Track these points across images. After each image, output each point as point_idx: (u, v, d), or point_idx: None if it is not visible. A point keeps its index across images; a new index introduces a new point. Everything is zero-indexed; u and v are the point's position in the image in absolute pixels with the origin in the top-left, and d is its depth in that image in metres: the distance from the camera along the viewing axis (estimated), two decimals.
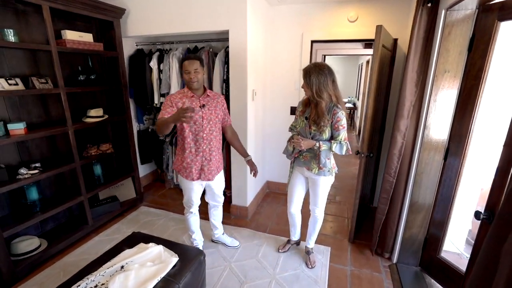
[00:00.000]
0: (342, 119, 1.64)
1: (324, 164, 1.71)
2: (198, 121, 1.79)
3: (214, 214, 2.23)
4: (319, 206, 1.96)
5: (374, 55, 1.89)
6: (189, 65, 1.71)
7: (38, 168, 2.07)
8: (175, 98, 1.76)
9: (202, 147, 1.84)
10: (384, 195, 2.03)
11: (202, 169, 1.88)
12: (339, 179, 3.89)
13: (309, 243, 2.14)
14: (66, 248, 2.25)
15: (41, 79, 2.05)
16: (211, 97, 1.88)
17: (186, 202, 2.03)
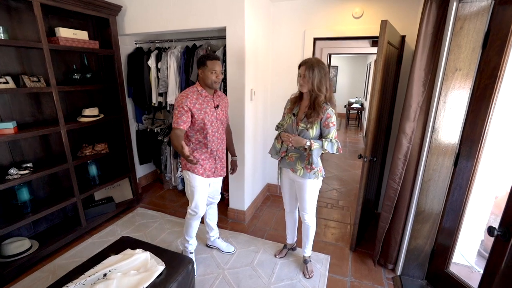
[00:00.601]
0: (332, 116, 1.58)
1: (316, 164, 1.64)
2: (214, 122, 1.77)
3: (210, 213, 2.15)
4: (308, 211, 1.85)
5: (378, 52, 1.76)
6: (216, 65, 1.67)
7: (29, 168, 2.03)
8: (191, 101, 1.66)
9: (216, 147, 1.84)
10: (387, 203, 1.90)
11: (215, 167, 1.89)
12: (343, 182, 3.75)
13: (305, 251, 2.04)
14: (57, 250, 2.21)
15: (32, 77, 2.01)
16: (221, 97, 1.87)
17: (195, 207, 1.88)
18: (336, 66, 8.93)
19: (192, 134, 1.79)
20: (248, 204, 2.71)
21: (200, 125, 1.74)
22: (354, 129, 7.55)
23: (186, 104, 1.65)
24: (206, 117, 1.72)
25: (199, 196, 1.87)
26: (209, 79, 1.68)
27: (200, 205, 1.89)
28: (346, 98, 8.88)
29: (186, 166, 1.83)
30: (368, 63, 7.40)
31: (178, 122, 1.65)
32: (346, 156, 4.98)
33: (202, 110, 1.71)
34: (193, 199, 1.87)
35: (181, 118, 1.65)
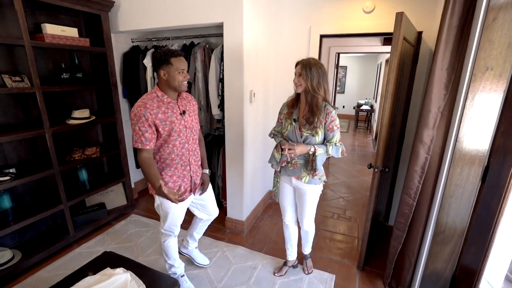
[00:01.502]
0: (336, 119, 1.52)
1: (319, 170, 1.56)
2: (183, 132, 1.50)
3: (202, 227, 1.95)
4: (307, 217, 1.78)
5: (392, 49, 1.54)
6: (183, 62, 1.42)
7: (10, 174, 1.89)
8: (151, 111, 1.38)
9: (189, 160, 1.58)
10: (401, 220, 1.68)
11: (192, 184, 1.64)
12: (351, 190, 3.51)
13: (305, 250, 2.01)
14: (41, 261, 2.07)
15: (15, 77, 1.87)
16: (187, 100, 1.58)
17: (169, 226, 1.65)
18: (345, 66, 8.65)
19: (156, 151, 1.50)
20: (247, 214, 2.52)
21: (165, 138, 1.46)
22: (363, 131, 7.26)
23: (145, 116, 1.36)
24: (173, 128, 1.45)
25: (176, 215, 1.63)
26: (176, 80, 1.40)
27: (178, 223, 1.67)
28: (355, 99, 8.58)
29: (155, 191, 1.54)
30: (379, 63, 7.10)
31: (142, 141, 1.39)
32: (355, 160, 4.73)
33: (168, 120, 1.42)
34: (167, 219, 1.62)
35: (144, 136, 1.38)
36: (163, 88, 1.45)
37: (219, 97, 2.48)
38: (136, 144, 1.41)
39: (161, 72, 1.41)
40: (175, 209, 1.59)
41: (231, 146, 2.32)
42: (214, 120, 2.79)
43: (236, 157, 2.31)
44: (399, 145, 2.38)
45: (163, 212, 1.62)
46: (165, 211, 1.60)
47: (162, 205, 1.59)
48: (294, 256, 2.01)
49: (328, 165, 4.47)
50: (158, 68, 1.42)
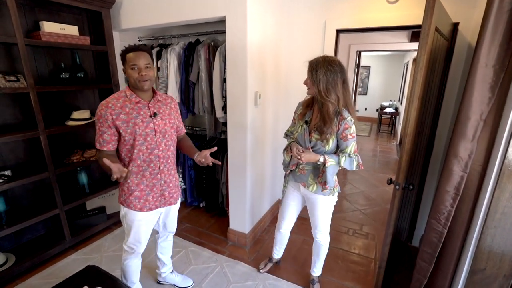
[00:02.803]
0: (351, 127, 1.35)
1: (330, 183, 1.42)
2: (151, 136, 1.35)
3: (164, 246, 1.77)
4: (321, 230, 1.66)
5: (421, 42, 1.27)
6: (136, 57, 1.26)
7: (4, 177, 1.84)
8: (113, 111, 1.27)
9: (159, 168, 1.42)
10: (427, 249, 1.39)
11: (162, 195, 1.47)
12: (370, 201, 3.19)
13: (314, 271, 1.84)
14: (34, 266, 2.00)
15: (9, 76, 1.81)
16: (162, 102, 1.43)
17: (132, 242, 1.49)
18: (368, 66, 8.16)
19: (124, 156, 1.36)
20: (250, 226, 2.31)
21: (129, 142, 1.33)
22: (386, 135, 6.78)
23: (105, 116, 1.26)
24: (136, 130, 1.31)
25: (140, 231, 1.47)
26: (131, 78, 1.28)
27: (142, 240, 1.50)
28: (378, 101, 8.08)
29: (120, 200, 1.44)
30: (405, 62, 6.59)
31: (100, 142, 1.31)
32: (375, 168, 4.36)
33: (131, 122, 1.30)
34: (130, 234, 1.47)
35: (103, 137, 1.29)
36: (131, 87, 1.34)
37: (223, 99, 2.30)
38: (96, 144, 1.33)
39: (124, 70, 1.32)
40: (140, 222, 1.44)
41: (234, 152, 2.13)
42: (219, 123, 2.62)
43: (239, 164, 2.12)
44: (427, 156, 2.06)
45: (127, 225, 1.47)
46: (128, 224, 1.46)
47: (126, 217, 1.44)
48: (280, 255, 2.00)
49: (345, 171, 4.15)
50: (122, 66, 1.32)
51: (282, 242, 1.92)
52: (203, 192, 2.76)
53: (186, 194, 2.84)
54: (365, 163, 4.60)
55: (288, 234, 1.89)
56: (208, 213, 2.81)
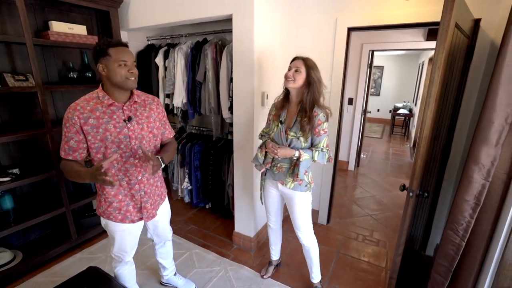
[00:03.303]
0: (323, 123, 1.42)
1: (301, 177, 1.46)
2: (124, 143, 1.21)
3: (162, 252, 1.71)
4: (302, 229, 1.64)
5: (439, 39, 1.17)
6: (125, 53, 1.15)
7: (12, 175, 1.85)
8: (82, 113, 1.13)
9: (137, 177, 1.29)
10: (443, 262, 1.29)
11: (144, 207, 1.36)
12: (381, 206, 3.07)
13: (313, 277, 1.81)
14: (41, 264, 2.02)
15: (18, 76, 1.83)
16: (140, 104, 1.29)
17: (118, 251, 1.41)
18: (381, 67, 7.95)
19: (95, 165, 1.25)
20: (257, 229, 2.26)
21: (100, 150, 1.19)
22: (399, 138, 6.57)
23: (73, 120, 1.12)
24: (107, 137, 1.17)
25: (124, 241, 1.38)
26: (117, 75, 1.13)
27: (127, 249, 1.43)
28: (391, 102, 7.85)
29: (99, 211, 1.33)
30: (421, 62, 6.37)
31: (65, 150, 1.17)
32: (388, 171, 4.21)
33: (101, 127, 1.16)
34: (115, 243, 1.38)
35: (69, 144, 1.15)
36: (106, 88, 1.20)
37: (230, 99, 2.26)
38: (60, 152, 1.19)
39: (99, 67, 1.15)
40: (123, 232, 1.35)
41: (239, 153, 2.08)
42: (226, 124, 2.58)
43: (245, 166, 2.07)
44: (443, 161, 1.94)
45: (110, 235, 1.39)
46: (111, 235, 1.37)
47: (107, 227, 1.35)
48: (277, 256, 1.99)
49: (357, 175, 4.03)
50: (96, 62, 1.16)
51: (276, 240, 1.91)
52: (209, 194, 2.73)
53: (192, 195, 2.82)
54: (377, 166, 4.46)
55: (280, 231, 1.89)
56: (213, 215, 2.77)
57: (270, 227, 1.86)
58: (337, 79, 2.24)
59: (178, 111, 2.59)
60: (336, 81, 2.25)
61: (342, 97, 2.29)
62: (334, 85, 2.26)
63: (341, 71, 2.22)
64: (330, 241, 2.39)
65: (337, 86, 2.26)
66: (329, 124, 2.37)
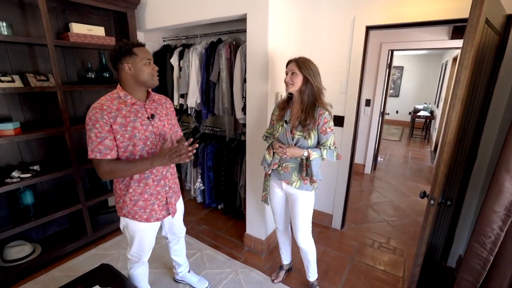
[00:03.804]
0: (329, 121, 1.44)
1: (316, 176, 1.46)
2: (151, 140, 1.27)
3: (176, 249, 1.74)
4: (301, 231, 1.63)
5: (467, 37, 1.09)
6: (146, 52, 1.21)
7: (33, 171, 1.93)
8: (110, 113, 1.15)
9: (162, 173, 1.34)
10: (468, 277, 1.20)
11: (168, 203, 1.40)
12: (399, 212, 2.94)
13: (310, 276, 1.82)
14: (58, 258, 2.08)
15: (39, 76, 1.90)
16: (157, 102, 1.35)
17: (136, 252, 1.43)
18: (401, 67, 7.67)
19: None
20: (268, 232, 2.22)
21: (128, 149, 1.22)
22: (419, 141, 6.31)
23: (103, 120, 1.13)
24: (136, 135, 1.21)
25: (143, 241, 1.41)
26: (144, 73, 1.19)
27: (146, 249, 1.45)
28: (411, 104, 7.56)
29: (123, 212, 1.33)
30: (444, 62, 6.08)
31: (101, 150, 1.14)
32: (406, 176, 4.04)
33: (129, 125, 1.19)
34: (133, 244, 1.40)
35: (104, 144, 1.14)
36: (127, 87, 1.22)
37: (244, 99, 2.24)
38: (92, 154, 1.15)
39: (125, 67, 1.18)
40: (143, 232, 1.37)
41: (252, 154, 2.05)
42: (240, 125, 2.56)
43: (258, 167, 2.03)
44: (467, 167, 1.82)
45: (129, 236, 1.40)
46: (131, 235, 1.38)
47: (127, 227, 1.36)
48: (288, 259, 1.96)
49: (373, 178, 3.90)
50: (119, 62, 1.18)
51: (285, 243, 1.89)
52: (221, 194, 2.72)
53: (205, 195, 2.82)
54: (395, 169, 4.30)
55: (288, 233, 1.86)
56: (225, 216, 2.76)
57: (278, 229, 1.84)
58: (354, 80, 2.16)
59: (192, 111, 2.60)
60: (352, 82, 2.17)
61: (359, 99, 2.21)
62: (350, 86, 2.19)
63: (358, 72, 2.14)
64: (344, 247, 2.31)
65: (353, 87, 2.18)
66: (345, 126, 2.32)
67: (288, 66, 1.47)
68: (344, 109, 2.26)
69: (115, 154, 1.20)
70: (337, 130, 2.32)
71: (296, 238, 1.67)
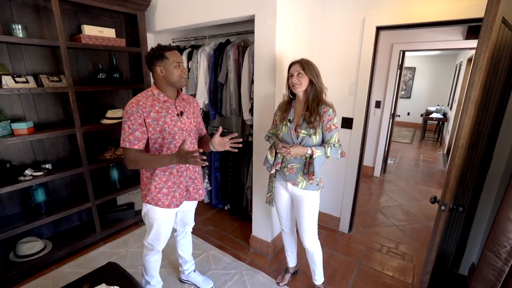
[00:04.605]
0: (334, 118, 1.45)
1: (317, 174, 1.48)
2: (178, 135, 1.39)
3: (183, 243, 1.79)
4: (307, 232, 1.62)
5: (481, 38, 1.05)
6: (176, 55, 1.32)
7: (45, 169, 1.98)
8: (144, 109, 1.28)
9: (186, 165, 1.45)
10: (481, 287, 1.15)
11: (187, 190, 1.51)
12: (409, 216, 2.87)
13: (316, 279, 1.79)
14: (68, 255, 2.13)
15: (52, 77, 1.94)
16: (186, 101, 1.48)
17: (153, 239, 1.52)
18: (413, 68, 7.51)
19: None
20: (274, 234, 2.21)
21: (158, 141, 1.35)
22: (431, 144, 6.15)
23: (138, 114, 1.26)
24: (165, 129, 1.33)
25: (160, 229, 1.49)
26: (174, 75, 1.31)
27: (161, 238, 1.53)
28: (423, 106, 7.39)
29: (147, 199, 1.43)
30: (458, 63, 5.92)
31: (130, 140, 1.27)
32: (417, 179, 3.95)
33: (160, 120, 1.32)
34: (151, 231, 1.50)
35: (134, 134, 1.27)
36: (160, 86, 1.36)
37: (251, 100, 2.23)
38: (123, 143, 1.28)
39: (158, 69, 1.32)
40: (161, 220, 1.46)
41: (259, 156, 2.04)
42: (247, 126, 2.56)
43: (264, 169, 2.02)
44: (482, 171, 1.75)
45: (148, 223, 1.50)
46: (150, 222, 1.48)
47: (148, 215, 1.47)
48: (294, 262, 1.95)
49: (382, 181, 3.82)
50: (152, 65, 1.32)
51: (290, 245, 1.87)
52: (228, 195, 2.72)
53: (211, 196, 2.83)
54: (405, 172, 4.20)
55: (293, 235, 1.85)
56: (232, 217, 2.77)
57: (283, 231, 1.83)
58: (363, 81, 2.13)
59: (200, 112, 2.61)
60: (362, 84, 2.14)
61: (368, 101, 2.17)
62: (360, 88, 2.15)
63: (367, 73, 2.10)
64: (351, 251, 2.27)
65: (363, 89, 2.14)
66: (354, 128, 2.29)
67: (292, 67, 1.48)
68: (353, 111, 2.23)
69: (143, 145, 1.32)
70: (345, 132, 2.29)
71: (302, 240, 1.66)
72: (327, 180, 2.36)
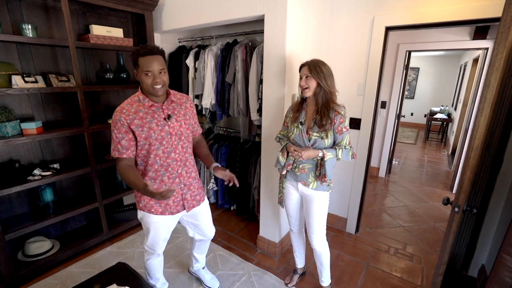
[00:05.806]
0: (345, 121, 1.45)
1: (329, 176, 1.48)
2: (166, 140, 1.32)
3: (199, 247, 1.76)
4: (316, 232, 1.61)
5: (499, 38, 1.04)
6: (150, 63, 1.19)
7: (53, 169, 1.98)
8: (128, 115, 1.24)
9: (177, 171, 1.39)
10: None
11: (183, 199, 1.44)
12: (415, 217, 2.86)
13: (323, 281, 1.78)
14: (75, 255, 2.13)
15: (61, 76, 1.94)
16: (177, 103, 1.39)
17: (151, 243, 1.49)
18: (417, 68, 7.48)
19: (140, 162, 1.35)
20: (282, 234, 2.20)
21: (145, 147, 1.30)
22: (435, 144, 6.13)
23: (121, 122, 1.23)
24: (151, 135, 1.28)
25: (158, 232, 1.45)
26: (144, 84, 1.22)
27: (160, 241, 1.49)
28: (427, 106, 7.37)
29: (140, 205, 1.41)
30: (462, 63, 5.89)
31: (119, 149, 1.26)
32: (422, 180, 3.93)
33: (145, 126, 1.26)
34: (149, 235, 1.47)
35: (121, 143, 1.26)
36: (143, 91, 1.29)
37: (259, 101, 2.22)
38: (113, 153, 1.29)
39: (135, 73, 1.27)
40: (157, 224, 1.42)
41: (267, 156, 2.04)
42: (254, 126, 2.55)
43: (272, 169, 2.02)
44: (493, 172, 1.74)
45: (145, 228, 1.47)
46: (146, 227, 1.45)
47: (143, 219, 1.44)
48: (302, 263, 1.94)
49: (388, 182, 3.81)
50: (134, 69, 1.26)
51: (299, 246, 1.87)
52: (235, 195, 2.72)
53: (218, 196, 2.83)
54: (410, 173, 4.19)
55: (302, 236, 1.84)
56: (238, 217, 2.76)
57: (292, 231, 1.83)
58: (372, 82, 2.12)
59: (207, 112, 2.61)
60: (370, 84, 2.13)
61: (376, 101, 2.16)
62: (368, 88, 2.14)
63: (376, 74, 2.09)
64: (358, 252, 2.27)
65: (371, 89, 2.13)
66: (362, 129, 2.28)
67: (302, 69, 1.47)
68: (361, 111, 2.22)
69: (132, 153, 1.30)
70: (353, 133, 2.28)
71: (311, 240, 1.66)
72: (334, 181, 2.36)
